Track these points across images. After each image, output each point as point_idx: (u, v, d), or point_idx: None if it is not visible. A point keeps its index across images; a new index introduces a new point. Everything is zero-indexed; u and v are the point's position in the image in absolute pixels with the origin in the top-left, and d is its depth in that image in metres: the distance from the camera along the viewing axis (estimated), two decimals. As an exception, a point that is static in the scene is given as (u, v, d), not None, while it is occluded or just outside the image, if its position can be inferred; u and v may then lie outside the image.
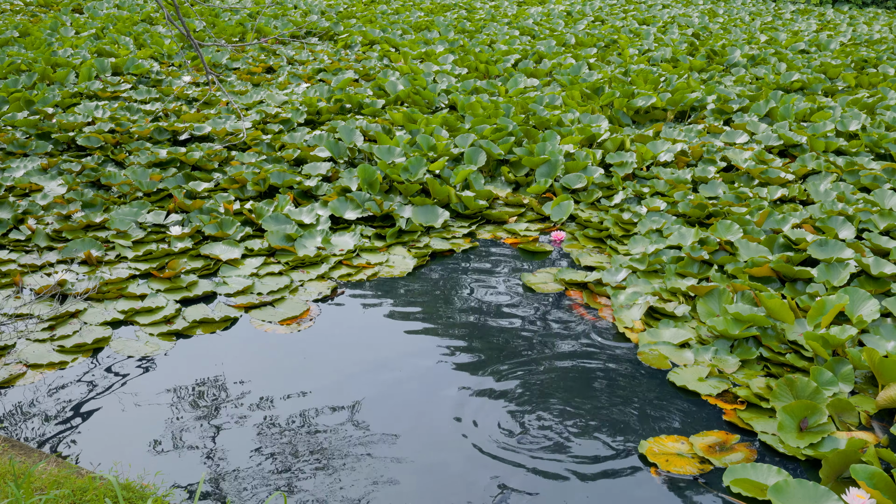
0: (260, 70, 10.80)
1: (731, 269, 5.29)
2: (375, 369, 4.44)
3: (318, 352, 4.58)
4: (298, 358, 4.52)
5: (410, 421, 3.95)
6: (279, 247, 5.63)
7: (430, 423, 3.95)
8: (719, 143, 7.76)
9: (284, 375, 4.34)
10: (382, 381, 4.32)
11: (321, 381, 4.28)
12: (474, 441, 3.80)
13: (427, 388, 4.27)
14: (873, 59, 12.04)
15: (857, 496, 3.29)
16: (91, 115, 8.10)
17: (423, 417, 4.00)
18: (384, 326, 4.89)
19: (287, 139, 7.68)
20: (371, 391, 4.18)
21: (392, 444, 3.74)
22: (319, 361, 4.49)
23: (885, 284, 5.11)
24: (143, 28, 12.83)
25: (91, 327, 4.65)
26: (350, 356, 4.57)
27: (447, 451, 3.74)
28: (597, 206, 6.69)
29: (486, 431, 3.87)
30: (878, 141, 7.70)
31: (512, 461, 3.66)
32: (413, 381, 4.34)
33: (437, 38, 13.09)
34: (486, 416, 3.99)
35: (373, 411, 4.00)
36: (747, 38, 13.93)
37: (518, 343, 4.73)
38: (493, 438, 3.82)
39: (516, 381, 4.30)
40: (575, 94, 9.33)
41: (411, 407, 4.09)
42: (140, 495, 3.15)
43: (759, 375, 4.32)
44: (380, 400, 4.11)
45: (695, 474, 3.59)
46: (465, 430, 3.88)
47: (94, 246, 5.49)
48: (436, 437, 3.84)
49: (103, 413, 3.94)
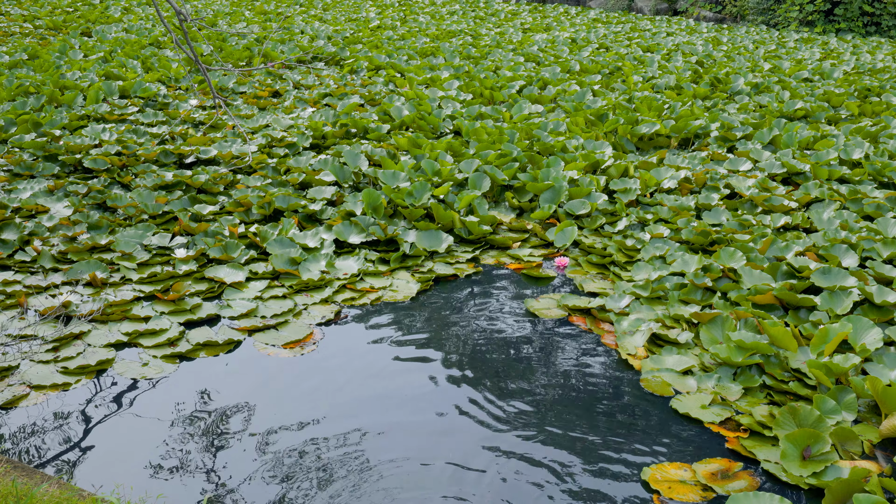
0: (266, 94, 10.87)
1: (734, 297, 5.29)
2: (378, 394, 4.45)
3: (321, 376, 4.58)
4: (301, 381, 4.52)
5: (413, 447, 3.94)
6: (283, 270, 5.65)
7: (432, 450, 3.94)
8: (723, 171, 7.79)
9: (287, 399, 4.34)
10: (385, 405, 4.32)
11: (324, 406, 4.28)
12: (475, 469, 3.79)
13: (429, 414, 4.26)
14: (876, 88, 12.10)
15: (860, 526, 3.27)
16: (98, 137, 8.16)
17: (425, 444, 3.99)
18: (387, 350, 4.89)
19: (292, 163, 7.72)
20: (374, 416, 4.18)
21: (394, 470, 3.74)
22: (322, 385, 4.49)
23: (888, 313, 5.11)
24: (150, 52, 12.94)
25: (95, 349, 4.67)
26: (353, 380, 4.57)
27: (449, 477, 3.73)
28: (600, 232, 6.70)
29: (486, 458, 3.86)
30: (882, 169, 7.72)
31: (513, 488, 3.66)
32: (415, 406, 4.33)
33: (442, 63, 13.18)
34: (487, 444, 3.98)
35: (375, 437, 3.99)
36: (751, 66, 14.01)
37: (520, 369, 4.73)
38: (495, 466, 3.81)
39: (518, 407, 4.29)
40: (579, 121, 9.38)
41: (413, 432, 4.08)
42: (141, 518, 3.15)
43: (762, 403, 4.32)
44: (382, 425, 4.10)
45: (697, 502, 3.58)
46: (466, 457, 3.87)
47: (99, 268, 5.52)
48: (437, 463, 3.83)
49: (106, 435, 3.95)
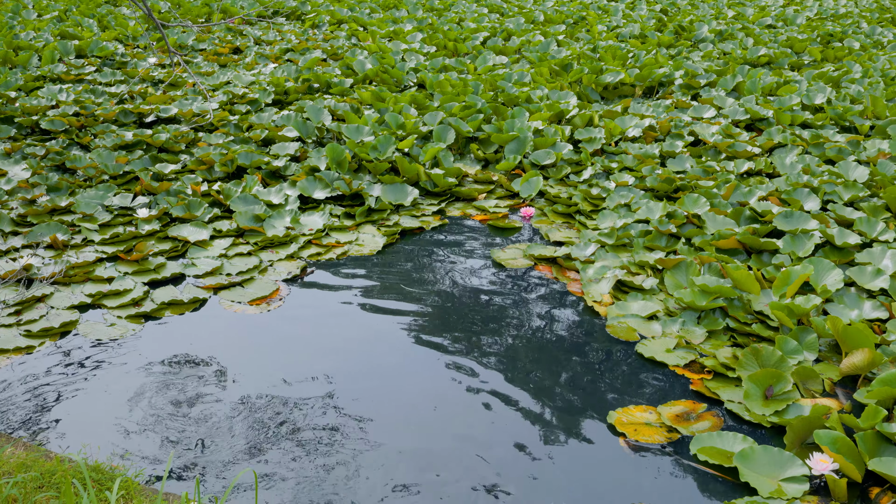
0: (226, 51, 10.69)
1: (698, 242, 5.34)
2: (346, 347, 4.45)
3: (288, 331, 4.57)
4: (269, 337, 4.51)
5: (382, 397, 3.96)
6: (248, 227, 5.60)
7: (402, 400, 3.97)
8: (687, 118, 7.80)
9: (254, 355, 4.33)
10: (353, 359, 4.33)
11: (291, 361, 4.28)
12: (445, 416, 3.83)
13: (398, 365, 4.28)
14: (839, 34, 12.14)
15: (820, 461, 3.35)
16: (55, 98, 7.98)
17: (394, 393, 4.01)
18: (354, 305, 4.89)
19: (255, 120, 7.62)
20: (342, 369, 4.19)
21: (364, 422, 3.75)
22: (290, 340, 4.48)
23: (848, 254, 5.19)
24: (106, 10, 12.64)
25: (58, 311, 4.61)
26: (320, 334, 4.57)
27: (418, 426, 3.75)
28: (566, 181, 6.71)
29: (456, 406, 3.89)
30: (843, 114, 7.78)
31: (482, 433, 3.69)
32: (384, 358, 4.35)
33: (405, 16, 13.02)
34: (455, 391, 4.01)
35: (344, 389, 4.00)
36: (715, 13, 13.98)
37: (487, 318, 4.75)
38: (463, 412, 3.85)
39: (486, 356, 4.32)
40: (544, 71, 9.33)
41: (383, 383, 4.09)
42: (109, 476, 3.14)
43: (726, 346, 4.38)
44: (351, 378, 4.11)
45: (662, 443, 3.64)
46: (436, 405, 3.90)
47: (60, 230, 5.44)
48: (407, 413, 3.85)
49: (72, 396, 3.92)
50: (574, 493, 3.35)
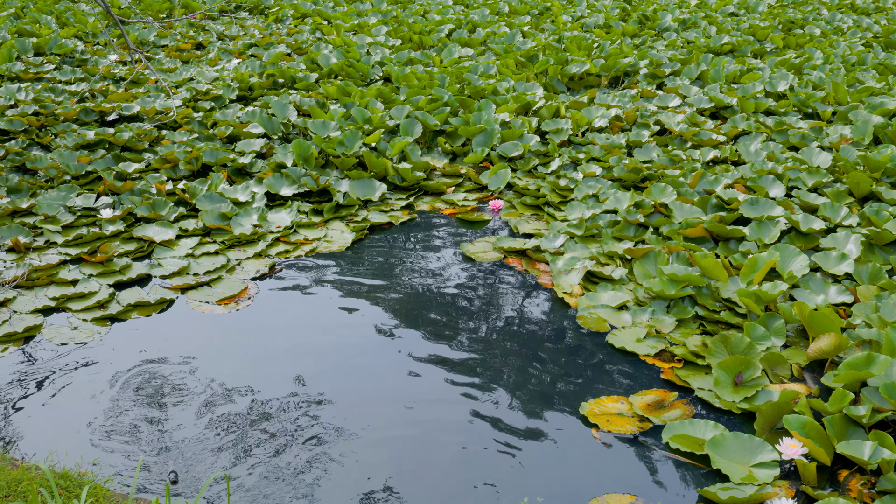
0: (189, 47, 10.55)
1: (666, 231, 5.37)
2: (316, 345, 4.42)
3: (258, 330, 4.53)
4: (238, 337, 4.46)
5: (353, 395, 3.94)
6: (214, 226, 5.54)
7: (373, 395, 3.95)
8: (652, 108, 7.84)
9: (223, 355, 4.29)
10: (324, 357, 4.30)
11: (261, 360, 4.24)
12: (416, 409, 3.81)
13: (368, 361, 4.26)
14: (800, 21, 12.26)
15: (790, 445, 3.39)
16: (13, 97, 7.83)
17: (366, 391, 3.99)
18: (324, 301, 4.85)
19: (219, 116, 7.54)
20: (313, 368, 4.16)
21: (335, 419, 3.73)
22: (259, 339, 4.44)
23: (813, 240, 5.24)
24: (65, 6, 12.43)
25: (21, 316, 4.53)
26: (290, 333, 4.54)
27: (390, 421, 3.74)
28: (534, 173, 6.71)
29: (427, 402, 3.88)
30: (806, 100, 7.86)
31: (454, 427, 3.69)
32: (355, 355, 4.33)
33: (369, 9, 12.94)
34: (427, 387, 4.00)
35: (316, 388, 3.97)
36: (678, 2, 14.06)
37: (458, 312, 4.74)
38: (436, 407, 3.84)
39: (457, 350, 4.31)
40: (509, 63, 9.33)
41: (354, 381, 4.07)
42: (78, 483, 3.09)
43: (695, 333, 4.41)
44: (322, 376, 4.09)
45: (635, 433, 3.66)
46: (407, 401, 3.88)
47: (22, 232, 5.34)
48: (379, 408, 3.84)
49: (38, 403, 3.85)
50: (547, 486, 3.35)
